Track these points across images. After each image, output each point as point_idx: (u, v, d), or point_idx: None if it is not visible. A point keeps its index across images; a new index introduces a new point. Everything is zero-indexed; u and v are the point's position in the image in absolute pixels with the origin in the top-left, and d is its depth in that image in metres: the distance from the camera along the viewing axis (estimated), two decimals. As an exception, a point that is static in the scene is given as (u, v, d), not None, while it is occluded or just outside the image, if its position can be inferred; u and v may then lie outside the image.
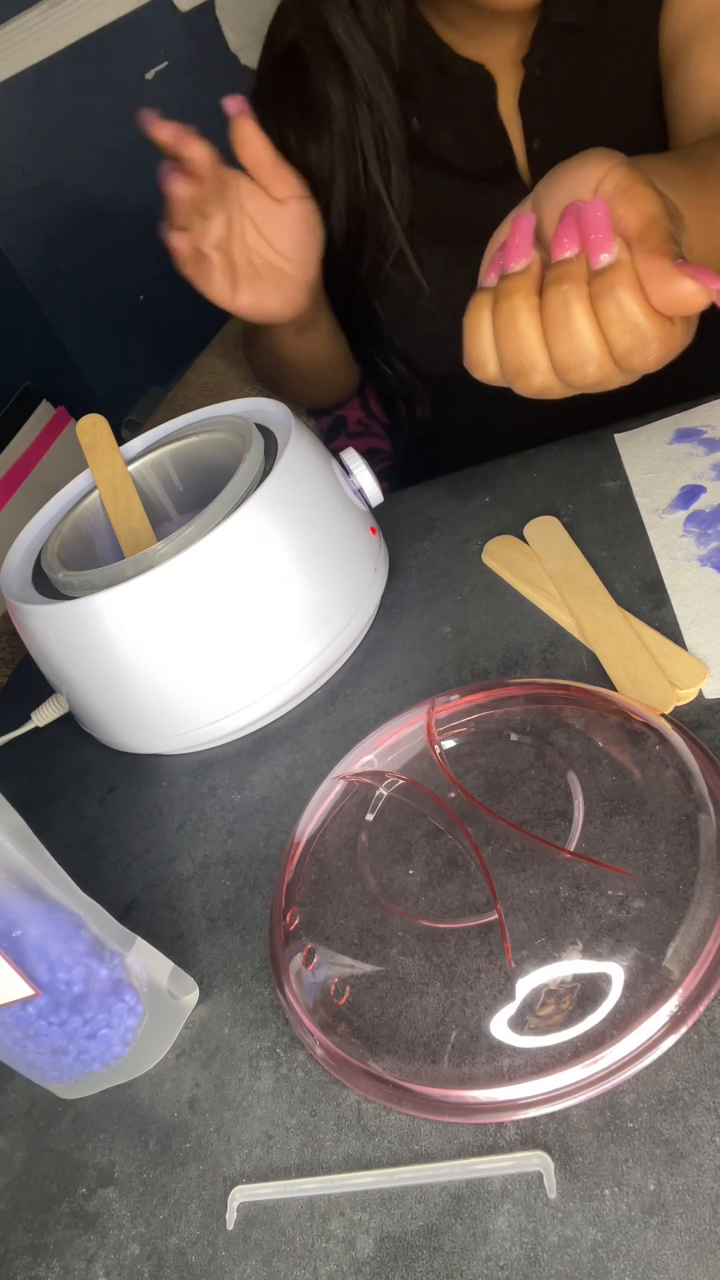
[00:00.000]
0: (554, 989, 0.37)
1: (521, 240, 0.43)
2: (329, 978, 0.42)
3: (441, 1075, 0.37)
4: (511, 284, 0.43)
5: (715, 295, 0.40)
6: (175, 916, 0.51)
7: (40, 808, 0.64)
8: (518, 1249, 0.33)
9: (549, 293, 0.42)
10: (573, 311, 0.41)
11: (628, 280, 0.40)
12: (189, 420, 0.70)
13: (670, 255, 0.40)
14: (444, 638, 0.59)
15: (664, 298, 0.40)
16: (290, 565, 0.56)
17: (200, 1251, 0.38)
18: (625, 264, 0.40)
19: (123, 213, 1.56)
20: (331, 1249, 0.36)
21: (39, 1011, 0.41)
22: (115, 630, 0.55)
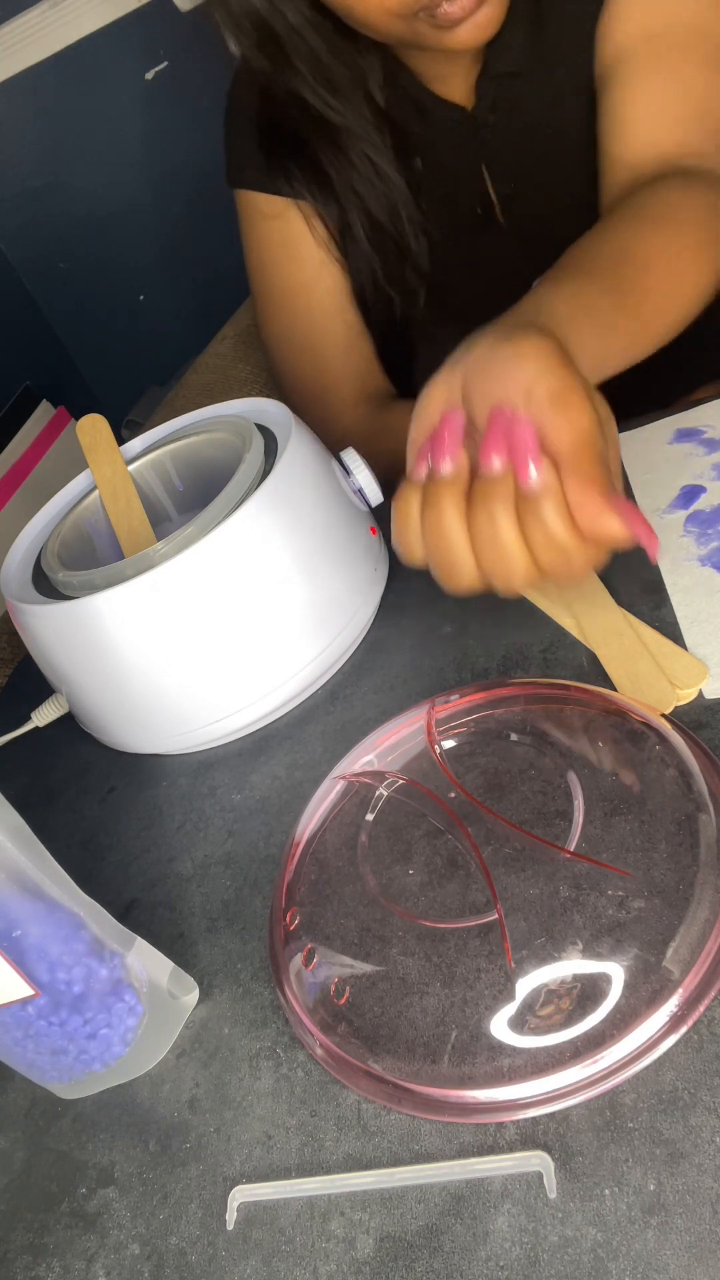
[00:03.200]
0: (554, 989, 0.37)
1: (451, 441, 0.44)
2: (329, 978, 0.42)
3: (441, 1075, 0.37)
4: (439, 490, 0.44)
5: (640, 539, 0.41)
6: (175, 916, 0.51)
7: (40, 808, 0.64)
8: (518, 1249, 0.33)
9: (476, 507, 0.42)
10: (499, 528, 0.42)
11: (555, 504, 0.41)
12: (189, 420, 0.70)
13: (601, 484, 0.40)
14: (444, 638, 0.59)
15: (590, 528, 0.41)
16: (290, 565, 0.56)
17: (200, 1251, 0.38)
18: (553, 489, 0.41)
19: (123, 213, 1.56)
20: (331, 1249, 0.36)
21: (39, 1011, 0.41)
22: (115, 630, 0.55)
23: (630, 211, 0.57)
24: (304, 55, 0.70)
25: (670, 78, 0.63)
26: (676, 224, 0.55)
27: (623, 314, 0.52)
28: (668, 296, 0.55)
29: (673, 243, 0.56)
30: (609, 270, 0.54)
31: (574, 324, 0.47)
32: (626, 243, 0.55)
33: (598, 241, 0.55)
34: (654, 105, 0.64)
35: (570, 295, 0.50)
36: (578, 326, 0.47)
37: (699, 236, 0.57)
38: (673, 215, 0.56)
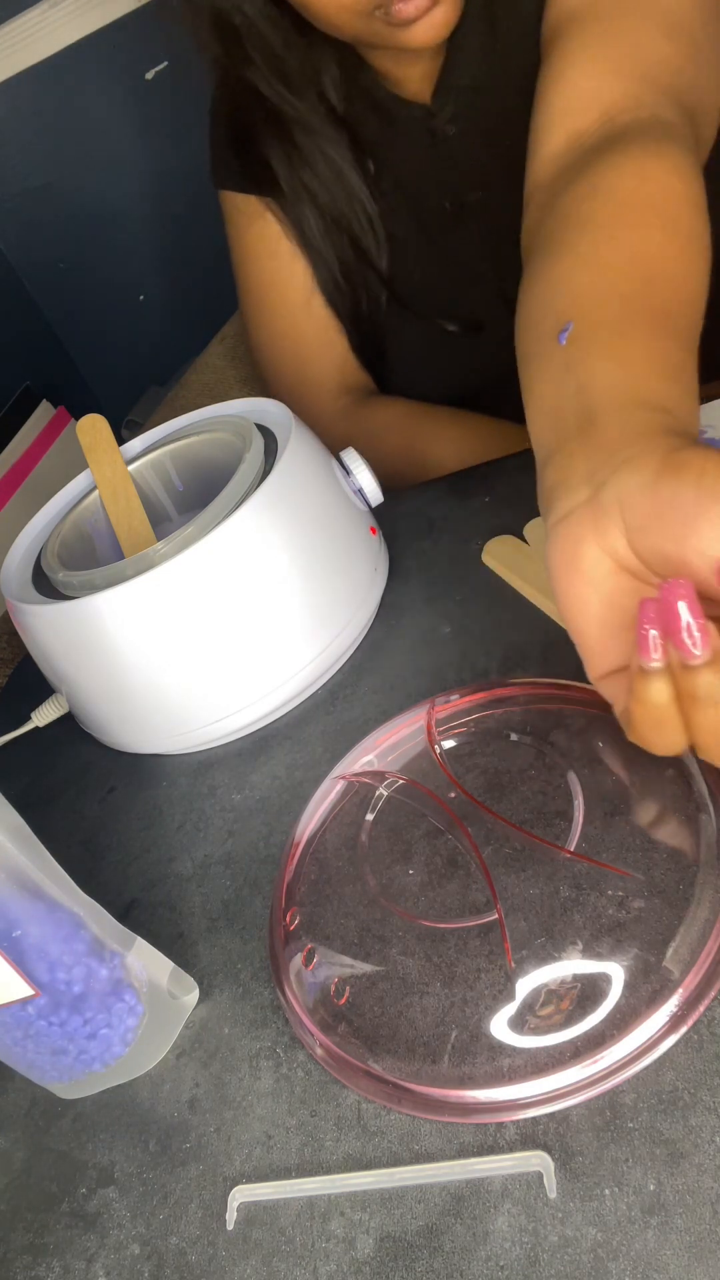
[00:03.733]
0: (554, 989, 0.37)
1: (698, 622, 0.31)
2: (329, 978, 0.42)
3: (441, 1075, 0.37)
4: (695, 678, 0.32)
5: None
6: (175, 916, 0.51)
7: (40, 808, 0.64)
8: (518, 1249, 0.33)
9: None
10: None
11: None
12: (189, 420, 0.70)
13: None
14: (444, 638, 0.59)
15: None
16: (290, 565, 0.56)
17: (200, 1251, 0.38)
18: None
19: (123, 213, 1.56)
20: (331, 1249, 0.36)
21: (39, 1011, 0.41)
22: (115, 630, 0.55)
23: (623, 211, 0.48)
24: (259, 47, 0.70)
25: (614, 36, 0.60)
26: (671, 218, 0.48)
27: (687, 353, 0.42)
28: (697, 308, 0.46)
29: (676, 241, 0.48)
30: (645, 300, 0.44)
31: (671, 399, 0.38)
32: (638, 253, 0.46)
33: (612, 260, 0.46)
34: (596, 61, 0.59)
35: (647, 361, 0.40)
36: (674, 397, 0.38)
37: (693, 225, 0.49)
38: (663, 206, 0.48)
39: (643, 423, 0.36)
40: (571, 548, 0.35)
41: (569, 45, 0.61)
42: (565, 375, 0.42)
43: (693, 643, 0.30)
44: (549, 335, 0.44)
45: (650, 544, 0.32)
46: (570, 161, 0.55)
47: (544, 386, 0.43)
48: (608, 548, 0.34)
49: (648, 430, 0.35)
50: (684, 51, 0.59)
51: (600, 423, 0.37)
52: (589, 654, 0.37)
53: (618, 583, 0.35)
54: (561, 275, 0.47)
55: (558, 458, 0.38)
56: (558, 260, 0.48)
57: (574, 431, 0.38)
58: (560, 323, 0.44)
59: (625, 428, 0.36)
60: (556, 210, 0.52)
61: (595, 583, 0.35)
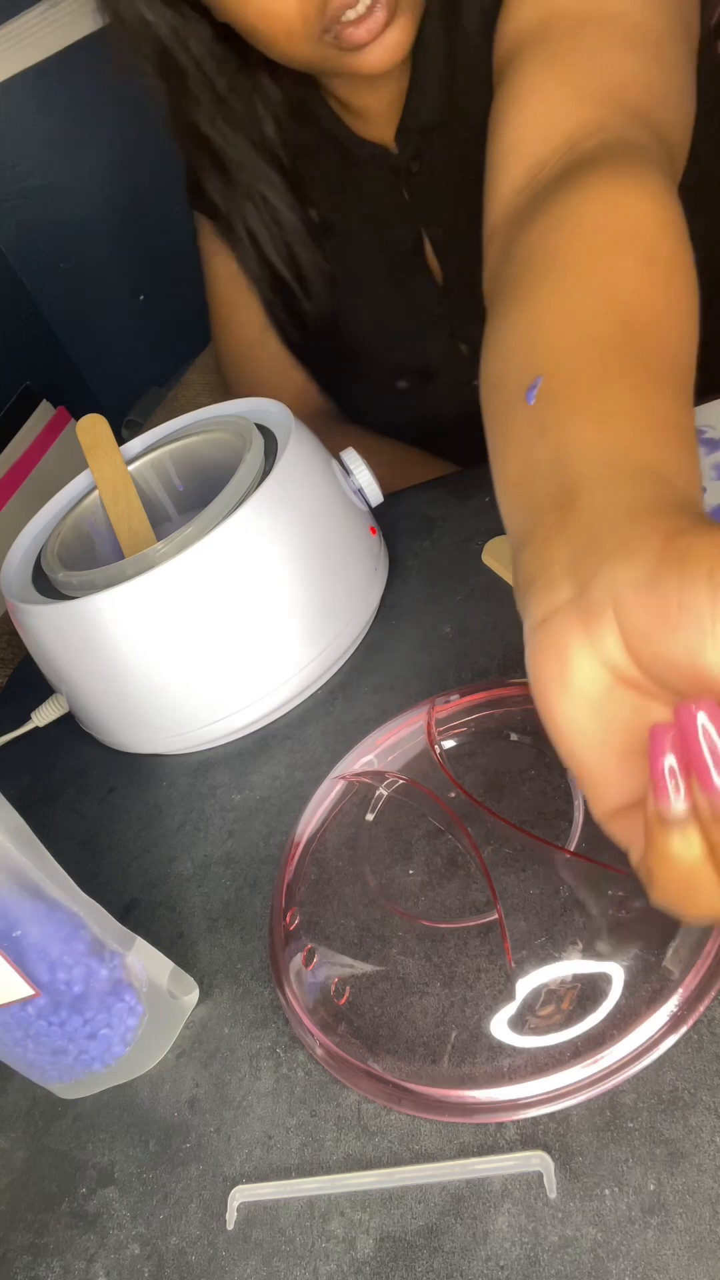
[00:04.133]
0: (554, 989, 0.37)
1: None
2: (329, 978, 0.42)
3: (441, 1075, 0.37)
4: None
5: None
6: (175, 916, 0.51)
7: (40, 808, 0.64)
8: (518, 1249, 0.33)
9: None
10: None
11: None
12: (189, 420, 0.70)
13: None
14: (444, 638, 0.59)
15: None
16: (290, 565, 0.56)
17: (200, 1251, 0.38)
18: None
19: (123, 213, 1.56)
20: (331, 1249, 0.36)
21: (39, 1011, 0.41)
22: (115, 630, 0.55)
23: (592, 245, 0.42)
24: (203, 86, 0.68)
25: (572, 56, 0.54)
26: (647, 247, 0.42)
27: (679, 404, 0.36)
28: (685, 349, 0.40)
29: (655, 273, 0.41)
30: (625, 345, 0.38)
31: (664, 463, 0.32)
32: (612, 291, 0.40)
33: (584, 302, 0.40)
34: (554, 85, 0.53)
35: (631, 419, 0.34)
36: (667, 461, 0.32)
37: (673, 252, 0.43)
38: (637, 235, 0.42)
39: (632, 497, 0.30)
40: (557, 658, 0.29)
41: (524, 71, 0.55)
42: (537, 440, 0.36)
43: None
44: (516, 393, 0.38)
45: (655, 652, 0.26)
46: (531, 195, 0.50)
47: (513, 454, 0.37)
48: (602, 657, 0.28)
49: (639, 507, 0.30)
50: (649, 64, 0.53)
51: (581, 499, 0.31)
52: (589, 787, 0.30)
53: (617, 698, 0.28)
54: (527, 323, 0.41)
55: (533, 544, 0.32)
56: (522, 306, 0.42)
57: (550, 510, 0.32)
58: (528, 378, 0.38)
59: (612, 504, 0.30)
60: (518, 250, 0.46)
61: (589, 700, 0.29)
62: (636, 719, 0.29)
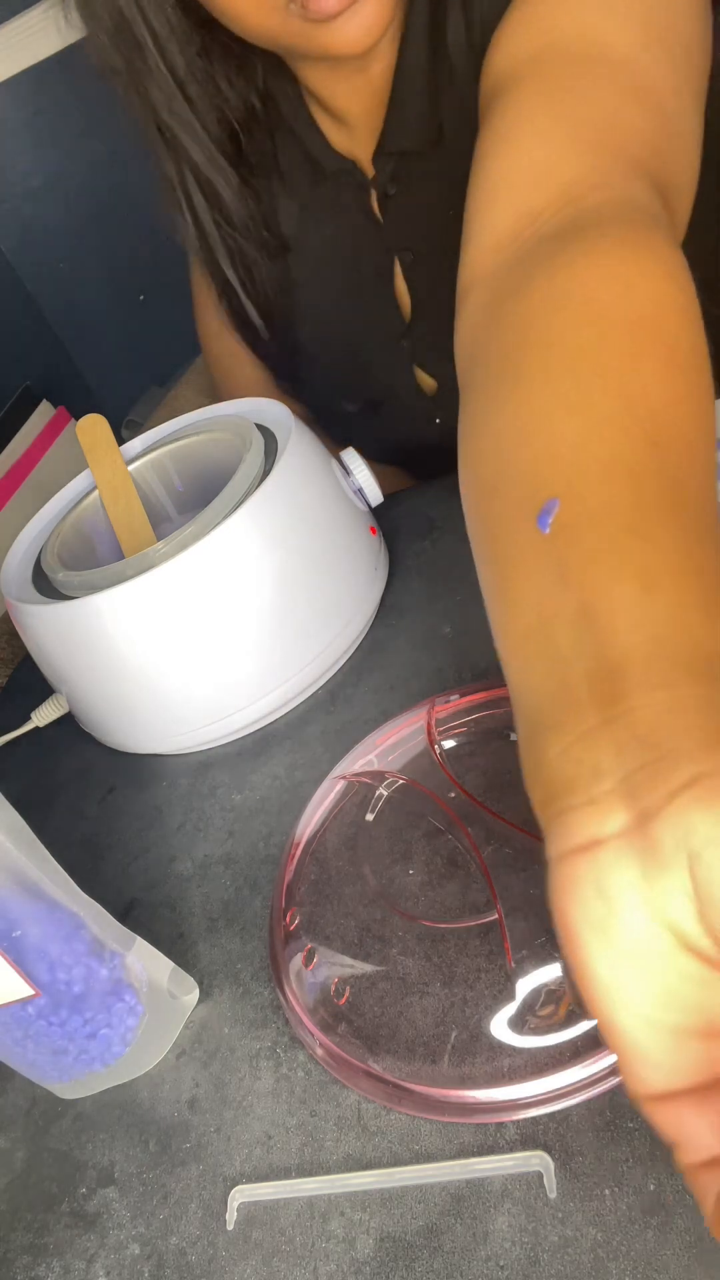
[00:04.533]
0: (554, 989, 0.37)
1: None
2: (329, 978, 0.42)
3: (441, 1075, 0.37)
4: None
5: None
6: (175, 916, 0.51)
7: (40, 808, 0.64)
8: (518, 1249, 0.33)
9: None
10: None
11: None
12: (189, 420, 0.70)
13: None
14: (444, 638, 0.59)
15: None
16: (290, 565, 0.56)
17: (200, 1251, 0.38)
18: None
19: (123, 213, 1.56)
20: (331, 1249, 0.36)
21: (39, 1011, 0.41)
22: (115, 630, 0.55)
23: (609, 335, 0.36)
24: (161, 65, 0.63)
25: (571, 97, 0.48)
26: (670, 343, 0.36)
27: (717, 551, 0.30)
28: (711, 476, 0.34)
29: (680, 378, 0.35)
30: (656, 473, 0.31)
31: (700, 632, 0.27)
32: (636, 398, 0.34)
33: (606, 408, 0.33)
34: (550, 126, 0.48)
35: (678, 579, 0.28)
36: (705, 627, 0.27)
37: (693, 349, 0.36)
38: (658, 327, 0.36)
39: (700, 701, 0.25)
40: (601, 901, 0.24)
41: (515, 106, 0.49)
42: (558, 588, 0.30)
43: None
44: (519, 509, 0.32)
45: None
46: (523, 251, 0.44)
47: (523, 595, 0.31)
48: (663, 916, 0.23)
49: (713, 719, 0.25)
50: (651, 116, 0.48)
51: (632, 693, 0.26)
52: (627, 1063, 0.25)
53: (678, 967, 0.24)
54: (532, 421, 0.35)
55: (564, 735, 0.27)
56: (523, 397, 0.36)
57: (588, 696, 0.27)
58: (538, 495, 0.32)
59: (674, 708, 0.25)
60: (511, 320, 0.40)
61: (639, 961, 0.24)
62: (702, 996, 0.24)
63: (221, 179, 0.69)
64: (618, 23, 0.50)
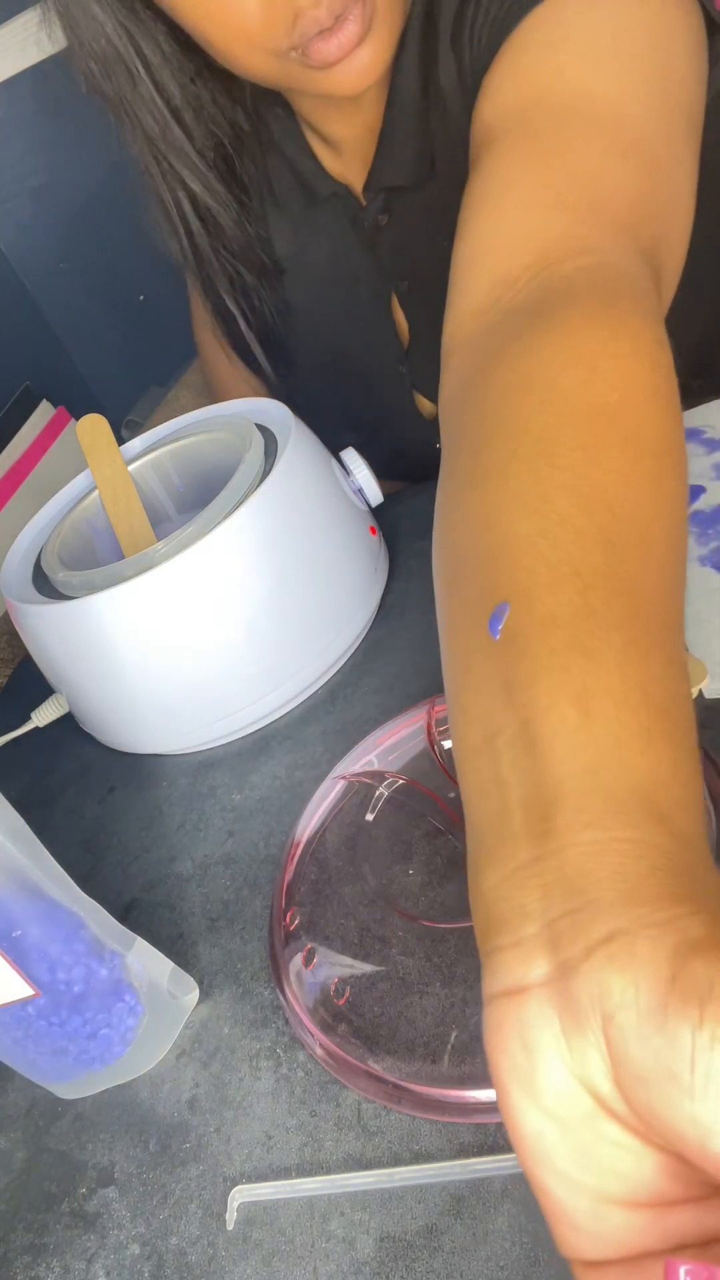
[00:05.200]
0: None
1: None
2: (329, 978, 0.42)
3: (441, 1075, 0.37)
4: None
5: None
6: (175, 916, 0.51)
7: (40, 808, 0.64)
8: (518, 1249, 0.33)
9: None
10: None
11: None
12: (189, 420, 0.70)
13: None
14: (444, 638, 0.59)
15: None
16: (290, 565, 0.56)
17: (200, 1251, 0.38)
18: None
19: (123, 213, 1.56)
20: (331, 1249, 0.36)
21: (39, 1011, 0.41)
22: (115, 630, 0.55)
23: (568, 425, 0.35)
24: (154, 94, 0.62)
25: (553, 156, 0.47)
26: (634, 431, 0.35)
27: (674, 676, 0.30)
28: (676, 577, 0.34)
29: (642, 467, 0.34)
30: (611, 578, 0.30)
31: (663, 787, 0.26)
32: (593, 496, 0.32)
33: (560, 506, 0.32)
34: (530, 188, 0.47)
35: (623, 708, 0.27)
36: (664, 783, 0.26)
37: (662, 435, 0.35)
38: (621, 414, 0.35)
39: (628, 846, 0.24)
40: (523, 1052, 0.23)
41: (498, 166, 0.49)
42: (503, 697, 0.29)
43: None
44: (476, 609, 0.32)
45: (652, 1107, 0.21)
46: (496, 319, 0.43)
47: (472, 702, 0.31)
48: (580, 1074, 0.22)
49: (637, 870, 0.24)
50: (639, 171, 0.47)
51: (559, 831, 0.25)
52: (555, 1224, 0.23)
53: (597, 1129, 0.22)
54: (491, 515, 0.34)
55: (498, 868, 0.26)
56: (485, 486, 0.36)
57: (520, 829, 0.26)
58: (491, 597, 0.31)
59: (601, 855, 0.24)
60: (481, 402, 0.40)
61: (560, 1119, 0.23)
62: (624, 1162, 0.22)
63: (218, 205, 0.68)
64: (607, 72, 0.49)
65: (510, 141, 0.49)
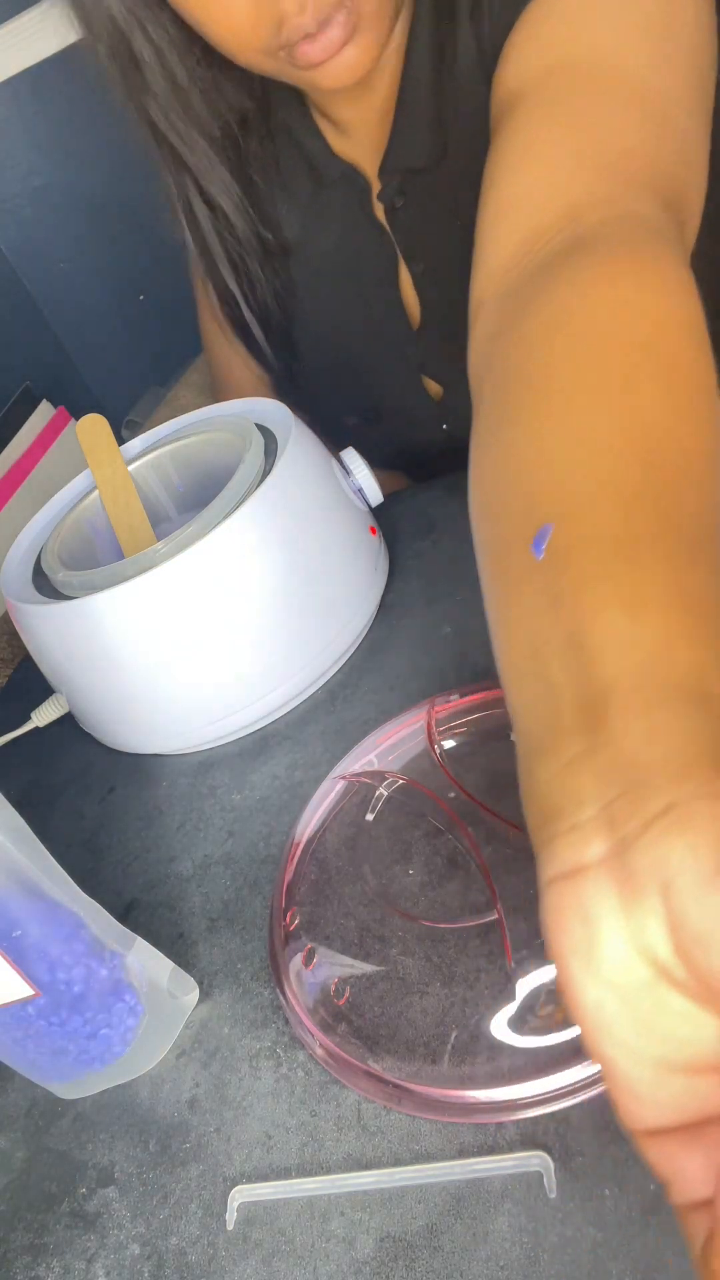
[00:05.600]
0: (554, 989, 0.37)
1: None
2: (329, 978, 0.42)
3: (441, 1075, 0.37)
4: None
5: None
6: (175, 916, 0.51)
7: (40, 808, 0.64)
8: (518, 1249, 0.33)
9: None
10: None
11: None
12: (189, 420, 0.70)
13: None
14: (444, 638, 0.59)
15: None
16: (290, 565, 0.56)
17: (200, 1251, 0.38)
18: None
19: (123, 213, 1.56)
20: (331, 1249, 0.36)
21: (39, 1011, 0.41)
22: (115, 630, 0.55)
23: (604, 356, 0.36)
24: (160, 76, 0.63)
25: (575, 119, 0.49)
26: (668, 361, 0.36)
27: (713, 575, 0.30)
28: (712, 498, 0.33)
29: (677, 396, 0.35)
30: (651, 498, 0.31)
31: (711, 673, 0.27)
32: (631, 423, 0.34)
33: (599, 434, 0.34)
34: (555, 148, 0.48)
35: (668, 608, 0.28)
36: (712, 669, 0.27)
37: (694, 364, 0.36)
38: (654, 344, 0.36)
39: (681, 732, 0.25)
40: (583, 929, 0.24)
41: (522, 128, 0.50)
42: (549, 613, 0.30)
43: None
44: (518, 534, 0.33)
45: (715, 967, 0.22)
46: (528, 270, 0.44)
47: (518, 620, 0.32)
48: (640, 944, 0.23)
49: (691, 749, 0.24)
50: (659, 133, 0.48)
51: (613, 721, 0.26)
52: (618, 1095, 0.25)
53: (658, 998, 0.23)
54: (531, 449, 0.35)
55: (551, 762, 0.28)
56: (525, 420, 0.37)
57: (574, 724, 0.27)
58: (534, 520, 0.32)
59: (655, 738, 0.25)
60: (514, 345, 0.41)
61: (621, 991, 0.24)
62: (686, 1029, 0.23)
63: (222, 189, 0.69)
64: (629, 39, 0.50)
65: (533, 105, 0.50)
